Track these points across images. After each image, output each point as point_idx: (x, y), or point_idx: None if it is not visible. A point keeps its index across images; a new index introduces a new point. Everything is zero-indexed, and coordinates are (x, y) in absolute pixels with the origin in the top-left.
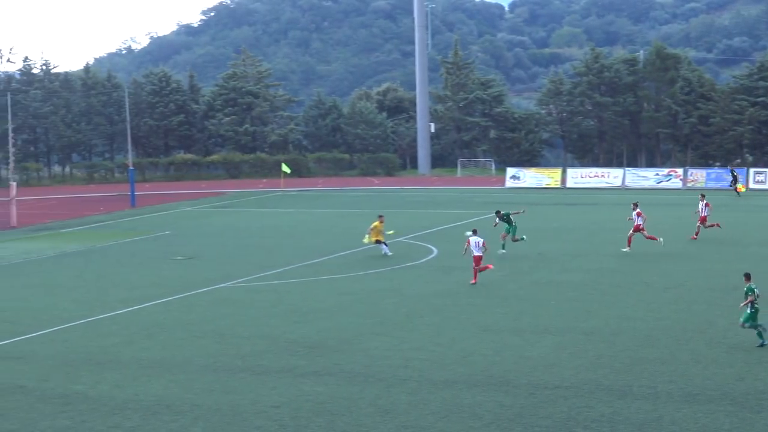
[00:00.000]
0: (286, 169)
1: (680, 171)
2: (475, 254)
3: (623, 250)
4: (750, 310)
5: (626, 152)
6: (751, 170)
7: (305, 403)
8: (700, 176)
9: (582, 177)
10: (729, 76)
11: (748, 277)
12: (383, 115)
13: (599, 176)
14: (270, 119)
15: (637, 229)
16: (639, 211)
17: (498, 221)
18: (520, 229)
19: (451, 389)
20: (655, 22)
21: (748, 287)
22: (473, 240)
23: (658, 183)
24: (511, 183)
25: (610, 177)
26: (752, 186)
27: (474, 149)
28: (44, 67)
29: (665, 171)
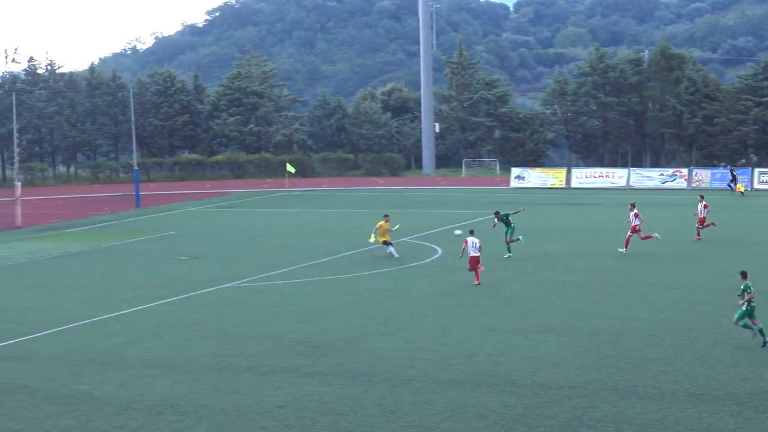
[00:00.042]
0: (290, 169)
1: (685, 171)
2: (472, 255)
3: (620, 251)
4: (746, 308)
5: (631, 152)
6: (756, 170)
7: (310, 403)
8: (704, 176)
9: (587, 177)
10: (734, 76)
11: (744, 275)
12: (388, 115)
13: (604, 176)
14: (275, 119)
15: (635, 231)
16: (636, 212)
17: (497, 222)
18: (523, 228)
19: (455, 389)
20: (660, 22)
21: (746, 285)
22: (470, 240)
23: (663, 183)
24: (515, 183)
25: (615, 177)
26: (757, 186)
27: (479, 149)
28: (49, 67)
29: (670, 171)
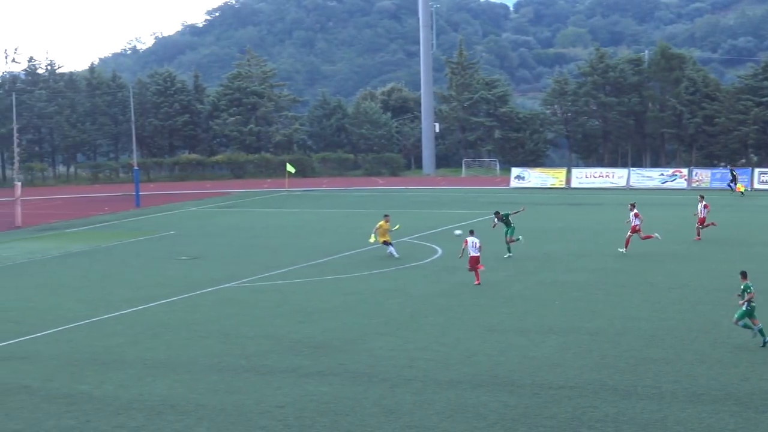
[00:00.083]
0: (290, 169)
1: (685, 171)
2: (472, 255)
3: (620, 251)
4: (746, 308)
5: (631, 152)
6: (756, 170)
7: (310, 403)
8: (704, 176)
9: (587, 177)
10: (734, 76)
11: (744, 275)
12: (388, 115)
13: (604, 176)
14: (275, 119)
15: (635, 231)
16: (636, 212)
17: (497, 222)
18: (523, 228)
19: (455, 389)
20: (660, 22)
21: (746, 285)
22: (470, 240)
23: (663, 183)
24: (515, 183)
25: (615, 177)
26: (757, 186)
27: (479, 149)
28: (49, 67)
29: (670, 171)
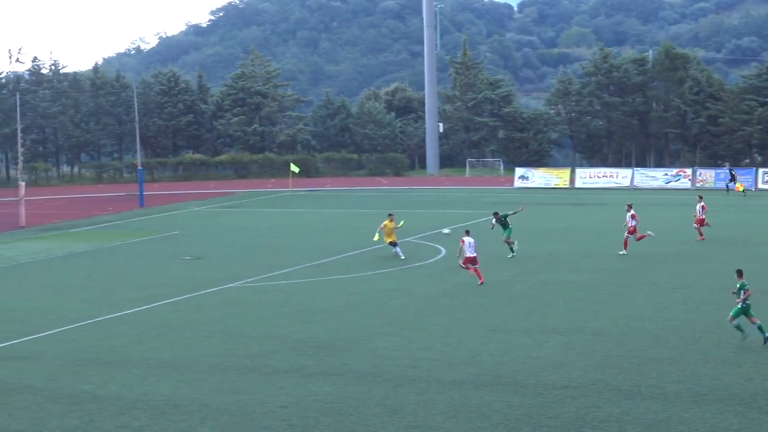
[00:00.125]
0: (294, 169)
1: (689, 171)
2: (469, 255)
3: (620, 253)
4: (741, 305)
5: (635, 152)
6: (760, 170)
7: (313, 403)
8: (708, 176)
9: (591, 177)
10: (738, 76)
11: (740, 273)
12: (392, 115)
13: (608, 176)
14: (279, 119)
15: (631, 232)
16: (633, 213)
17: (495, 223)
18: (527, 228)
19: (459, 389)
20: (664, 22)
21: (741, 284)
22: (467, 240)
23: (667, 183)
24: (519, 183)
25: (619, 177)
26: (761, 186)
27: (482, 149)
28: (53, 68)
29: (674, 171)
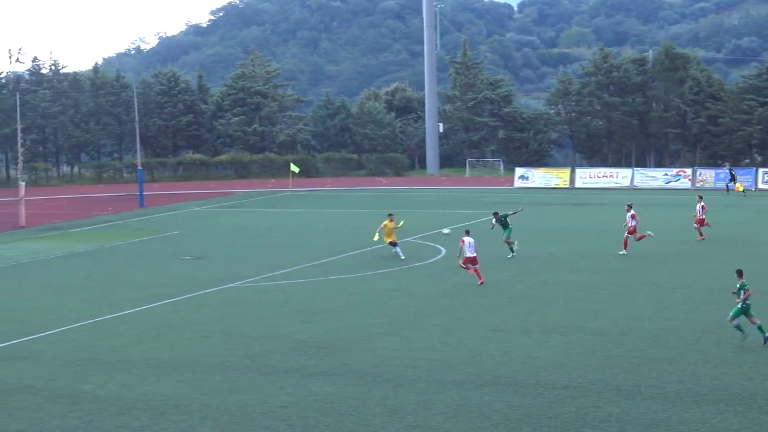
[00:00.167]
0: (294, 169)
1: (689, 171)
2: (469, 255)
3: (620, 253)
4: (741, 305)
5: (635, 152)
6: (760, 170)
7: (313, 403)
8: (708, 176)
9: (591, 177)
10: (738, 76)
11: (740, 273)
12: (392, 115)
13: (608, 176)
14: (278, 119)
15: (631, 232)
16: (633, 213)
17: (494, 224)
18: (527, 228)
19: (459, 389)
20: (664, 22)
21: (741, 284)
22: (467, 240)
23: (667, 183)
24: (519, 183)
25: (619, 177)
26: (761, 186)
27: (482, 149)
28: (53, 68)
29: (674, 171)
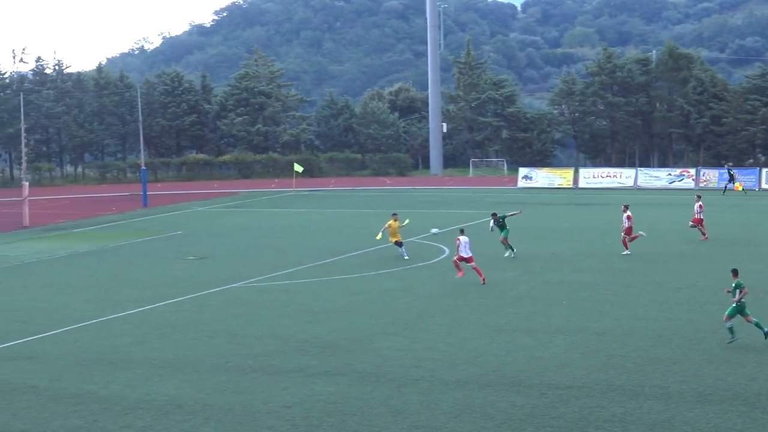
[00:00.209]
0: (298, 169)
1: (693, 171)
2: (462, 255)
3: (623, 254)
4: (737, 305)
5: (638, 152)
6: (764, 170)
7: (317, 403)
8: (712, 176)
9: (594, 177)
10: (742, 76)
11: (735, 273)
12: (395, 115)
13: (611, 176)
14: (282, 119)
15: (627, 232)
16: (629, 213)
17: (493, 225)
18: (531, 228)
19: (462, 389)
20: (668, 22)
21: (737, 283)
22: (462, 240)
23: (671, 183)
24: (523, 183)
25: (623, 177)
26: (765, 186)
27: (486, 149)
28: (57, 67)
29: (678, 171)
